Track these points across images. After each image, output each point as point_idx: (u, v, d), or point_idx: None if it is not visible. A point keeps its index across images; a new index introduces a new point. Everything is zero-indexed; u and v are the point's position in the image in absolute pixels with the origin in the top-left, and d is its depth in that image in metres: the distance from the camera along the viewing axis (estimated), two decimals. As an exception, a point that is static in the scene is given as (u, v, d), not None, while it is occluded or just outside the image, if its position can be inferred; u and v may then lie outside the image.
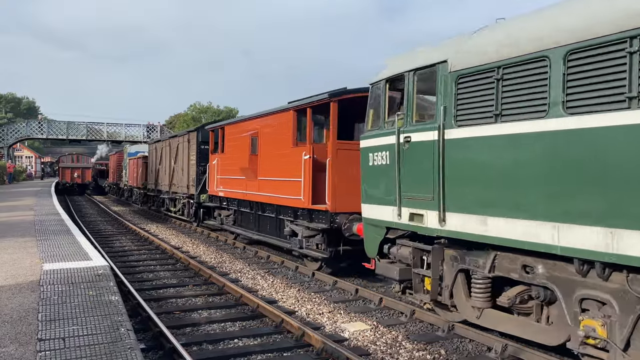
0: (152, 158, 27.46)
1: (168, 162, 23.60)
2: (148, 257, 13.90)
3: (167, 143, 24.32)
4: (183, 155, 20.93)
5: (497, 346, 6.60)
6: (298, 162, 11.41)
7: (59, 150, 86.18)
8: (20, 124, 52.39)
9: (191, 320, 7.99)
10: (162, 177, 24.75)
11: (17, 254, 9.75)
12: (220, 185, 16.36)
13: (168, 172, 23.42)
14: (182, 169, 20.90)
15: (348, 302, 9.22)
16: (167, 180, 23.54)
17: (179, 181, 21.59)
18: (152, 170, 27.10)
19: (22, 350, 4.86)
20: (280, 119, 12.56)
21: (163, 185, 24.48)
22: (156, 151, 26.35)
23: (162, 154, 25.05)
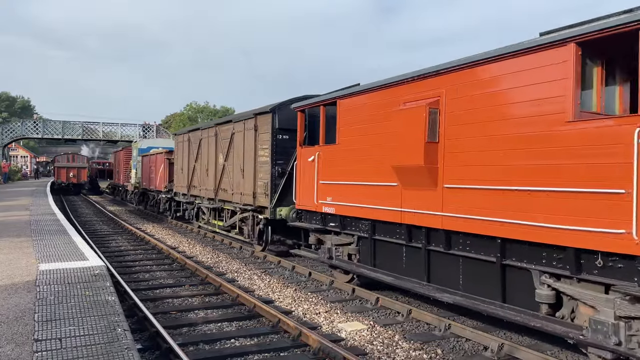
0: (180, 154, 20.81)
1: (212, 159, 17.11)
2: (144, 257, 13.87)
3: (209, 133, 17.49)
4: (244, 150, 14.43)
5: (494, 345, 6.63)
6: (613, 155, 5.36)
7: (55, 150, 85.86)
8: (15, 124, 52.16)
9: (188, 320, 7.99)
10: (201, 180, 18.11)
11: (12, 254, 9.71)
12: (328, 195, 10.13)
13: (213, 173, 16.92)
14: (243, 169, 14.41)
15: (345, 302, 9.23)
16: (212, 184, 16.94)
17: (235, 186, 15.03)
18: (181, 169, 20.55)
19: (18, 350, 4.84)
20: (541, 60, 6.11)
21: (202, 190, 17.98)
22: (189, 144, 19.63)
23: (199, 149, 18.40)
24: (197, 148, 18.61)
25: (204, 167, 17.73)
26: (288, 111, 12.28)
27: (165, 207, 23.73)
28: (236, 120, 15.29)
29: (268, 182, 12.88)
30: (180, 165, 20.83)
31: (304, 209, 11.15)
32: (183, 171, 20.24)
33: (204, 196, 17.82)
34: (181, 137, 21.20)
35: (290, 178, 12.22)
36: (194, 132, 19.44)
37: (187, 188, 19.46)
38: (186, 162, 19.89)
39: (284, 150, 12.88)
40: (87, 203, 36.41)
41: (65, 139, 51.42)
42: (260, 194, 13.35)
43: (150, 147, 29.03)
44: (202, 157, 18.05)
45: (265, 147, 13.19)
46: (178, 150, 21.43)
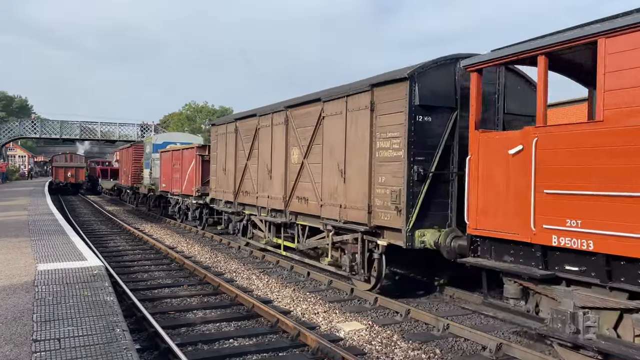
0: (221, 149, 16.12)
1: (279, 156, 12.37)
2: (142, 257, 13.86)
3: (275, 119, 12.65)
4: (347, 141, 9.73)
5: (492, 345, 6.64)
6: None
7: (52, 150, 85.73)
8: (13, 123, 52.12)
9: (186, 321, 7.99)
10: (259, 184, 13.38)
11: (11, 254, 9.70)
12: (567, 215, 5.69)
13: (281, 175, 12.18)
14: (344, 169, 9.78)
15: (343, 302, 9.24)
16: (279, 190, 12.27)
17: (327, 195, 10.38)
18: (223, 170, 15.85)
19: (17, 351, 4.85)
20: None
21: (260, 197, 13.30)
22: (236, 137, 14.93)
23: (254, 142, 13.74)
24: (250, 141, 13.92)
25: (265, 167, 13.00)
26: (434, 79, 8.32)
27: (194, 215, 19.43)
28: (329, 99, 10.33)
29: (401, 190, 8.26)
30: (221, 164, 16.04)
31: (490, 237, 6.66)
32: (226, 172, 15.52)
33: (264, 206, 13.06)
34: (222, 128, 16.14)
35: (437, 184, 8.36)
36: (244, 121, 14.55)
37: (234, 194, 14.80)
38: (231, 161, 15.22)
39: (425, 141, 8.33)
40: (86, 203, 36.37)
41: (63, 139, 51.38)
42: (382, 207, 8.73)
43: (167, 142, 25.13)
44: (262, 153, 13.27)
45: (392, 135, 8.53)
46: (218, 144, 16.41)
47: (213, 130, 17.42)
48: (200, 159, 18.90)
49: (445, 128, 8.43)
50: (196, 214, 19.45)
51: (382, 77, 8.96)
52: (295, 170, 11.60)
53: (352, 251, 9.56)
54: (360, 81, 9.67)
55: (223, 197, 15.86)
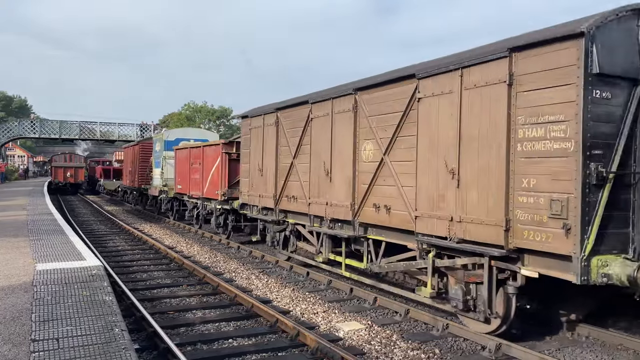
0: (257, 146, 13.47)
1: (341, 153, 9.95)
2: (142, 257, 13.85)
3: (336, 107, 10.16)
4: (461, 129, 7.18)
5: (491, 345, 6.64)
6: None
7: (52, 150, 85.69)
8: (12, 123, 52.07)
9: (185, 320, 7.98)
10: (312, 188, 10.86)
11: (10, 254, 9.69)
12: None
13: (346, 177, 9.72)
14: (457, 170, 7.21)
15: (342, 302, 9.24)
16: (343, 195, 9.82)
17: (420, 201, 7.88)
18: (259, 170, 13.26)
19: (15, 351, 4.84)
20: None
21: (314, 204, 10.74)
22: (277, 131, 12.41)
23: (304, 136, 11.24)
24: (298, 135, 11.37)
25: (321, 166, 10.46)
26: (615, 38, 6.10)
27: (218, 222, 16.95)
28: (428, 74, 7.73)
29: (570, 199, 5.91)
30: (255, 163, 13.42)
31: None
32: (263, 173, 13.00)
33: (319, 215, 10.59)
34: (258, 120, 13.39)
35: (617, 190, 6.10)
36: (289, 110, 11.92)
37: (274, 199, 12.31)
38: (270, 159, 12.65)
39: (603, 128, 6.04)
40: (85, 203, 36.34)
41: (63, 139, 51.32)
42: (530, 223, 6.31)
43: (180, 138, 23.16)
44: (317, 149, 10.71)
45: (553, 119, 6.11)
46: (252, 140, 13.78)
47: (244, 123, 14.46)
48: (227, 157, 16.15)
49: (627, 109, 6.15)
50: (220, 220, 16.85)
51: (532, 37, 6.43)
52: (370, 169, 9.01)
53: (467, 280, 7.14)
54: (483, 47, 7.17)
55: (259, 203, 13.24)
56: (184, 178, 20.21)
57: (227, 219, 16.60)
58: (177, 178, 21.20)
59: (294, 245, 12.28)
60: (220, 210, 16.75)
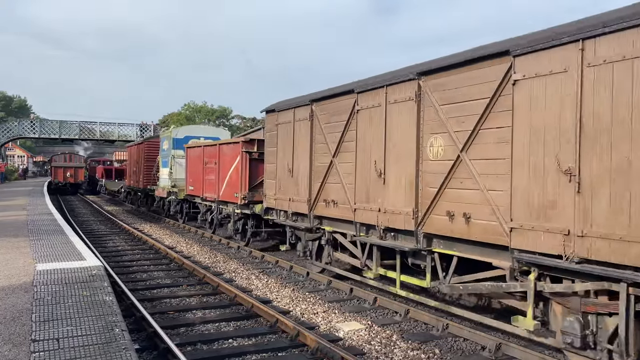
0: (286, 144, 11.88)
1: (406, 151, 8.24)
2: (141, 257, 13.86)
3: (392, 94, 8.55)
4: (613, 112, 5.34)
5: (491, 345, 6.65)
6: None
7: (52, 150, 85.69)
8: (12, 123, 52.06)
9: (185, 321, 7.98)
10: (359, 190, 9.31)
11: (10, 254, 9.69)
12: None
13: (406, 179, 8.22)
14: (596, 170, 5.50)
15: (342, 302, 9.24)
16: (402, 200, 8.28)
17: (532, 211, 6.17)
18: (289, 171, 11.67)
19: (15, 351, 4.84)
20: None
21: (362, 210, 9.22)
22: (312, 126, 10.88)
23: (347, 131, 9.71)
24: (340, 130, 9.79)
25: (371, 166, 8.90)
26: None
27: (236, 227, 15.42)
28: (530, 49, 6.23)
29: None
30: (284, 163, 11.85)
31: None
32: (294, 174, 11.41)
33: (369, 223, 9.00)
34: (287, 115, 11.81)
35: None
36: (328, 102, 10.31)
37: (308, 204, 10.76)
38: (303, 158, 11.09)
39: None
40: (85, 203, 36.35)
41: (62, 139, 51.31)
42: None
43: (190, 136, 21.75)
44: (365, 146, 9.11)
45: None
46: (279, 137, 12.16)
47: (269, 119, 12.68)
48: (248, 157, 14.49)
49: None
50: (238, 225, 15.35)
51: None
52: (439, 169, 7.51)
53: (586, 310, 5.78)
54: (617, 10, 5.51)
55: (288, 208, 11.65)
56: (196, 179, 18.57)
57: (246, 224, 15.14)
58: (188, 179, 19.52)
59: (329, 256, 10.74)
60: (239, 215, 15.19)
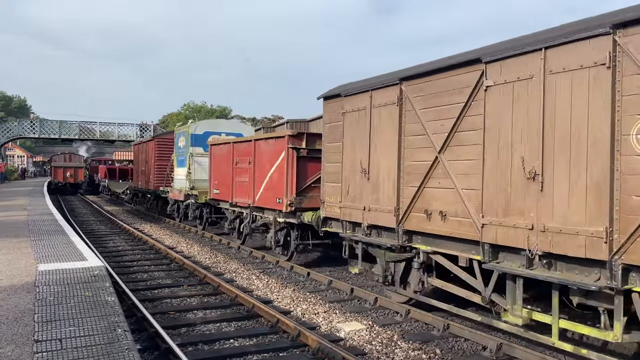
0: (357, 137, 9.39)
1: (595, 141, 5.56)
2: (142, 257, 13.87)
3: (580, 59, 5.68)
4: None
5: (492, 345, 6.66)
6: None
7: (52, 150, 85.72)
8: (12, 123, 52.11)
9: (186, 321, 8.00)
10: (501, 198, 6.56)
11: (11, 255, 9.71)
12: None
13: (595, 180, 5.54)
14: None
15: (343, 302, 9.26)
16: (579, 212, 5.67)
17: None
18: (364, 172, 9.15)
19: (18, 351, 4.85)
20: None
21: (496, 224, 6.58)
22: (406, 111, 8.25)
23: (475, 118, 6.98)
24: (452, 116, 7.38)
25: (507, 163, 6.56)
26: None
27: (277, 238, 12.87)
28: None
29: None
30: (354, 161, 9.41)
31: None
32: (372, 176, 8.92)
33: (505, 244, 6.56)
34: (360, 99, 9.32)
35: None
36: (427, 80, 7.87)
37: (396, 215, 8.32)
38: (386, 155, 8.63)
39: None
40: (85, 203, 36.36)
41: (62, 139, 51.35)
42: None
43: (209, 132, 19.49)
44: (497, 135, 6.68)
45: None
46: (346, 129, 9.67)
47: (330, 107, 10.18)
48: (295, 154, 11.87)
49: None
50: (280, 236, 12.86)
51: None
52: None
53: None
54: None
55: (362, 219, 9.04)
56: (223, 181, 15.92)
57: (288, 235, 12.70)
58: (212, 180, 16.89)
59: (420, 283, 8.32)
60: (281, 225, 12.66)
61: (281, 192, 12.16)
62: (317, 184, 11.16)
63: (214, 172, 16.80)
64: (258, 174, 13.64)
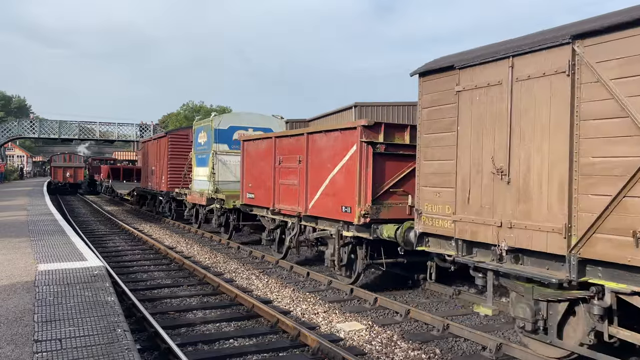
0: (486, 123, 6.80)
1: None
2: (142, 257, 13.87)
3: None
4: None
5: (492, 345, 6.67)
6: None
7: (51, 150, 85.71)
8: (11, 123, 52.05)
9: (186, 321, 8.00)
10: None
11: (11, 255, 9.71)
12: None
13: None
14: None
15: (343, 302, 9.26)
16: None
17: None
18: (494, 172, 6.67)
19: (18, 351, 4.86)
20: None
21: None
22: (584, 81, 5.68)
23: None
24: None
25: None
26: None
27: (340, 259, 10.05)
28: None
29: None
30: (483, 158, 6.92)
31: None
32: (515, 178, 6.46)
33: None
34: (489, 71, 6.83)
35: None
36: (628, 33, 5.31)
37: (567, 237, 5.81)
38: (546, 148, 6.10)
39: None
40: (84, 203, 36.35)
41: (62, 139, 51.34)
42: None
43: (235, 126, 17.42)
44: None
45: None
46: (461, 114, 7.21)
47: (434, 84, 7.74)
48: (371, 150, 9.22)
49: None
50: (343, 254, 10.03)
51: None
52: None
53: None
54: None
55: (497, 239, 6.61)
56: (260, 183, 13.40)
57: (353, 252, 10.05)
58: (245, 182, 14.38)
59: (592, 333, 5.90)
60: (350, 240, 9.98)
61: (350, 198, 9.54)
62: (396, 188, 9.36)
63: (248, 172, 14.20)
64: (313, 176, 10.93)
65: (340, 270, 10.25)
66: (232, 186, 16.44)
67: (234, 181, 16.42)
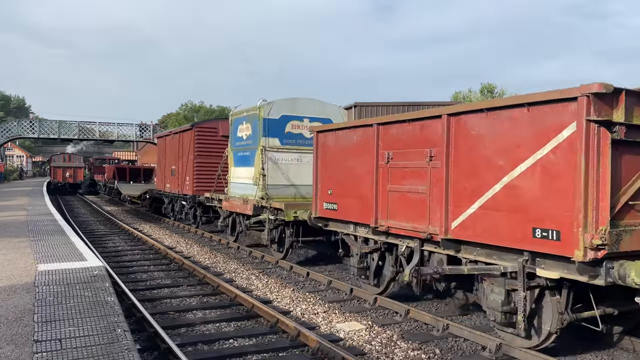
0: None
1: None
2: (141, 257, 13.87)
3: None
4: None
5: (492, 345, 6.67)
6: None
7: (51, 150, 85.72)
8: (11, 123, 52.00)
9: (186, 321, 8.00)
10: None
11: (11, 255, 9.71)
12: None
13: None
14: None
15: (343, 302, 9.27)
16: None
17: None
18: None
19: (18, 351, 4.86)
20: None
21: None
22: None
23: None
24: None
25: None
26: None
27: (523, 308, 6.19)
28: None
29: None
30: None
31: None
32: None
33: None
34: None
35: None
36: None
37: None
38: None
39: None
40: (84, 203, 36.35)
41: (62, 139, 51.30)
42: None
43: (289, 115, 13.88)
44: None
45: None
46: None
47: None
48: (606, 136, 5.46)
49: None
50: (525, 302, 6.26)
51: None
52: None
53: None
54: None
55: None
56: (349, 190, 9.59)
57: (537, 299, 6.41)
58: (322, 188, 10.52)
59: None
60: (543, 283, 6.25)
61: (559, 215, 5.76)
62: (637, 200, 5.78)
63: (327, 174, 10.44)
64: (461, 180, 7.07)
65: (534, 336, 6.49)
66: (283, 191, 13.50)
67: (285, 185, 13.58)
